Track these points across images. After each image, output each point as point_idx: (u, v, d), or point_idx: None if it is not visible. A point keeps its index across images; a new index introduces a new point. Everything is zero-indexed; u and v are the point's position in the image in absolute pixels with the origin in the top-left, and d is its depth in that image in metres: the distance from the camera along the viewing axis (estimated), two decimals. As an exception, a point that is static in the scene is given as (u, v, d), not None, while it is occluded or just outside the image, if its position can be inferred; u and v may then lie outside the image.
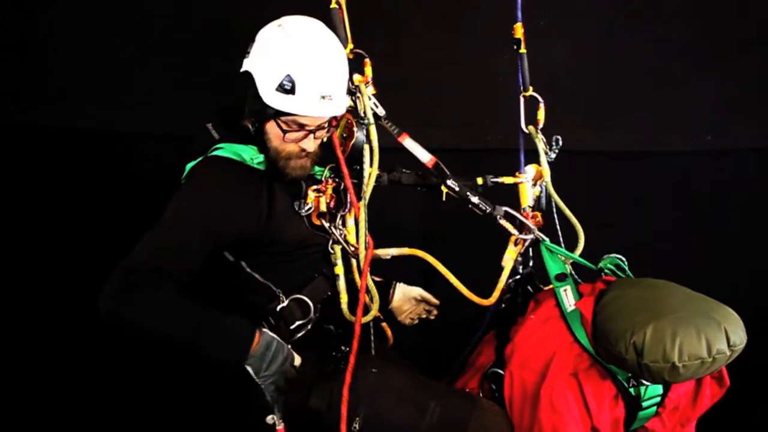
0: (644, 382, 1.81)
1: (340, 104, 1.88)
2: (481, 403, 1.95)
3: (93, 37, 2.68)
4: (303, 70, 1.81)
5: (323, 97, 1.83)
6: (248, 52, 1.89)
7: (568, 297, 1.94)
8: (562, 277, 1.99)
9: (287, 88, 1.80)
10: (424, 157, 2.00)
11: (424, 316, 2.41)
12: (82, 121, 2.71)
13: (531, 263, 2.08)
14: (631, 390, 1.82)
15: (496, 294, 1.99)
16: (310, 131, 1.88)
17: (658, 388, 1.86)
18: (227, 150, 1.89)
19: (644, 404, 1.85)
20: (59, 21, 2.67)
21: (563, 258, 2.04)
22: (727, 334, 1.67)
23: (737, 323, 1.73)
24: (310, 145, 1.90)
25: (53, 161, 2.75)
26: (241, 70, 1.89)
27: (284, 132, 1.86)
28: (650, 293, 1.85)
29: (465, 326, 2.26)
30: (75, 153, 2.74)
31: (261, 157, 1.90)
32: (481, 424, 1.88)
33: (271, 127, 1.88)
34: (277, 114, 1.84)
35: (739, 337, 1.70)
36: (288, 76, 1.80)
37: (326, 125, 1.91)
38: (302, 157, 1.91)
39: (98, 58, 2.69)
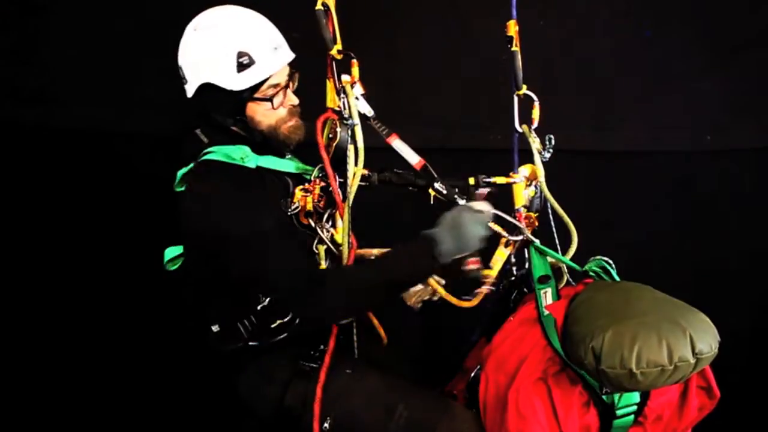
0: None
1: (287, 48, 2.00)
2: (452, 407, 1.94)
3: (92, 38, 2.70)
4: (246, 37, 1.90)
5: (275, 48, 1.93)
6: (185, 78, 1.97)
7: (546, 300, 1.91)
8: (544, 279, 1.95)
9: (245, 62, 1.88)
10: (413, 159, 2.00)
11: (426, 297, 2.40)
12: (81, 121, 2.73)
13: (527, 264, 2.04)
14: (605, 397, 1.75)
15: (479, 296, 1.98)
16: (285, 86, 1.98)
17: (635, 396, 1.77)
18: (218, 153, 1.90)
19: (619, 413, 1.76)
20: (59, 22, 2.69)
21: (551, 260, 2.01)
22: (692, 341, 1.57)
23: (707, 330, 1.63)
24: (293, 97, 2.02)
25: (53, 161, 2.77)
26: (191, 94, 1.96)
27: (270, 100, 1.94)
28: (619, 296, 1.77)
29: (466, 327, 2.26)
30: (74, 153, 2.77)
31: (251, 155, 1.92)
32: (450, 428, 1.87)
33: (253, 109, 1.96)
34: (251, 93, 1.92)
35: (707, 344, 1.59)
36: (239, 53, 1.88)
37: (291, 75, 2.00)
38: (294, 114, 2.00)
39: (97, 58, 2.71)
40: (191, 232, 1.91)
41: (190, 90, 1.96)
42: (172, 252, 2.01)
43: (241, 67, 1.88)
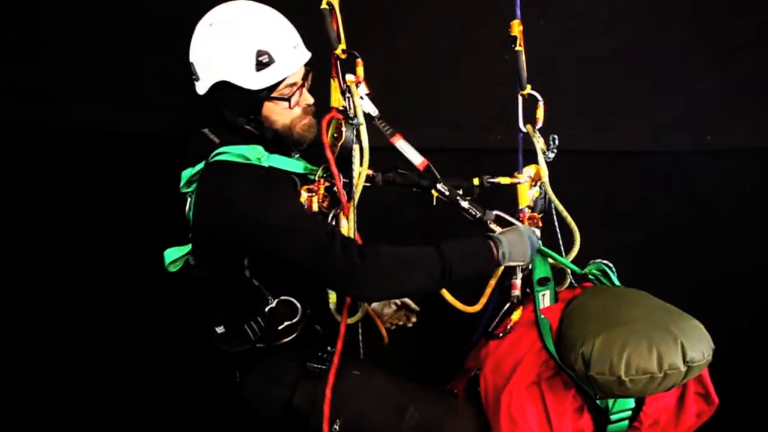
0: None
1: (303, 46, 1.97)
2: (458, 407, 1.95)
3: (92, 38, 2.70)
4: (266, 36, 1.85)
5: (294, 48, 1.90)
6: (196, 75, 1.91)
7: (544, 302, 1.91)
8: (544, 282, 1.95)
9: (265, 61, 1.84)
10: (416, 159, 1.99)
11: (401, 323, 2.41)
12: (81, 121, 2.73)
13: (530, 266, 2.04)
14: (599, 402, 1.74)
15: (483, 300, 1.97)
16: (301, 85, 1.95)
17: (629, 401, 1.76)
18: (232, 153, 1.85)
19: (613, 417, 1.75)
20: (59, 22, 2.68)
21: (552, 261, 2.01)
22: (683, 348, 1.57)
23: (700, 338, 1.63)
24: (309, 96, 1.99)
25: (53, 161, 2.76)
26: (204, 91, 1.91)
27: (287, 99, 1.91)
28: (613, 302, 1.77)
29: (467, 327, 2.25)
30: (74, 153, 2.76)
31: (265, 155, 1.88)
32: (455, 427, 1.87)
33: (270, 108, 1.92)
34: (269, 92, 1.89)
35: (700, 352, 1.59)
36: (259, 51, 1.83)
37: (306, 73, 1.97)
38: (309, 113, 1.98)
39: (97, 58, 2.71)
40: (208, 231, 1.87)
41: (203, 87, 1.91)
42: (173, 253, 1.97)
43: (261, 65, 1.84)
